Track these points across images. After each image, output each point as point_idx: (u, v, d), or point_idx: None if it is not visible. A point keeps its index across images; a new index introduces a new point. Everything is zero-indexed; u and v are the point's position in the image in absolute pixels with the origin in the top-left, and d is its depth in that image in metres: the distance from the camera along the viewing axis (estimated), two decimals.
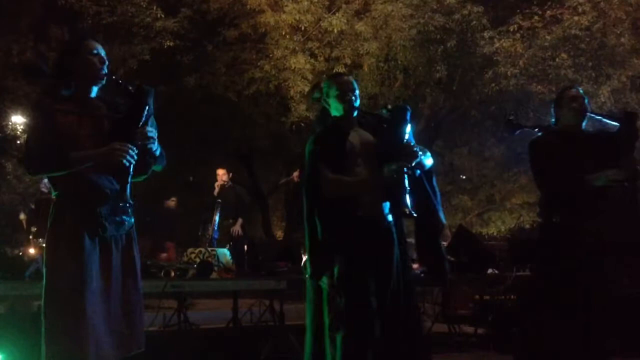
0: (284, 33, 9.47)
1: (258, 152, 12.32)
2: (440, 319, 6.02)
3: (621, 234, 3.11)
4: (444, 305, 6.45)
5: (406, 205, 2.74)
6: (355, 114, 2.92)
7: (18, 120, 13.23)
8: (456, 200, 14.26)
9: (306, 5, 9.25)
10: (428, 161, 3.07)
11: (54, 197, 2.42)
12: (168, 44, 9.37)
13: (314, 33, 9.58)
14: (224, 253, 5.47)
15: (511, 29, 9.18)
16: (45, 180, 5.15)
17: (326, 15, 9.46)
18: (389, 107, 2.97)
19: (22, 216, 5.39)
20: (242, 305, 5.81)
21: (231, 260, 5.53)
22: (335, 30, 9.34)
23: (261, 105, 10.49)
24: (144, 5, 9.35)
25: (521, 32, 9.21)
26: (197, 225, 7.22)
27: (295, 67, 9.40)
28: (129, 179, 2.42)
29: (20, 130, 13.35)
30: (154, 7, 9.38)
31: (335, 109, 2.93)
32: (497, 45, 9.05)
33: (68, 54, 2.46)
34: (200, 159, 11.53)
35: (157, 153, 2.47)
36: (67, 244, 2.31)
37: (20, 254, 4.18)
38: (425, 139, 10.76)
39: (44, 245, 4.58)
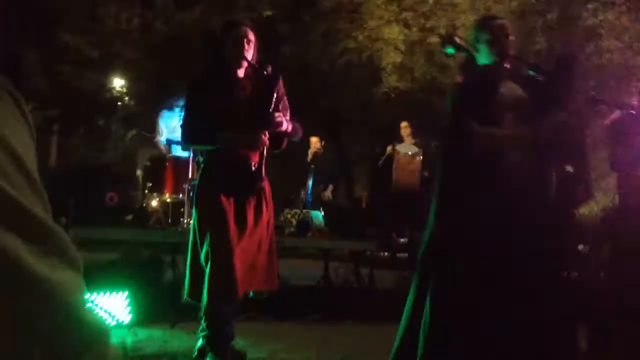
0: (379, 3, 9.53)
1: (345, 122, 12.51)
2: None
3: None
4: None
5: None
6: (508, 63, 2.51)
7: (122, 83, 14.11)
8: None
9: None
10: None
11: (201, 163, 2.94)
12: (267, 13, 9.67)
13: (409, 3, 9.58)
14: (317, 215, 5.79)
15: (617, 1, 8.76)
16: (163, 141, 5.63)
17: None
18: (534, 67, 2.53)
19: (138, 172, 5.91)
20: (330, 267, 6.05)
21: (323, 223, 5.85)
22: (431, 0, 9.29)
23: (352, 75, 10.64)
24: None
25: (628, 4, 8.77)
26: (291, 188, 7.58)
27: (388, 38, 9.46)
28: (263, 156, 2.82)
29: (124, 92, 14.25)
30: None
31: (485, 56, 2.52)
32: (600, 17, 8.68)
33: (220, 38, 2.83)
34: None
35: (289, 131, 2.83)
36: (210, 200, 2.75)
37: (144, 205, 4.66)
38: None
39: (159, 199, 5.06)
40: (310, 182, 7.19)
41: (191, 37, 9.85)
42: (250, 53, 2.77)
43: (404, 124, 6.94)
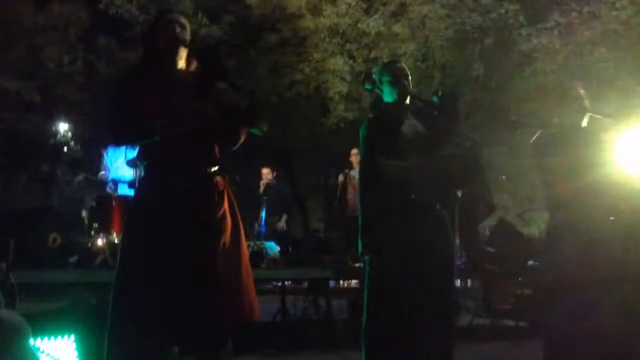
0: (323, 36, 9.72)
1: (296, 153, 12.55)
2: (483, 315, 6.15)
3: None
4: (485, 300, 6.55)
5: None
6: (408, 100, 2.87)
7: (67, 127, 13.78)
8: (495, 199, 14.18)
9: (344, 9, 9.49)
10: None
11: (144, 166, 2.49)
12: None
13: (352, 35, 9.81)
14: (272, 246, 5.72)
15: (548, 26, 9.20)
16: (110, 181, 5.49)
17: (364, 18, 9.67)
18: (440, 93, 2.83)
19: (84, 213, 5.74)
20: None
21: (278, 254, 5.78)
22: (373, 32, 9.55)
23: (301, 107, 10.74)
24: (190, 13, 9.71)
25: (559, 28, 9.23)
26: (244, 221, 7.49)
27: (334, 69, 9.63)
28: (212, 143, 2.42)
29: (69, 136, 13.90)
30: (199, 15, 9.74)
31: (388, 95, 2.88)
32: (534, 42, 9.09)
33: (150, 28, 2.54)
34: (243, 160, 11.83)
35: (242, 109, 2.43)
36: (145, 216, 2.36)
37: (90, 245, 4.51)
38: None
39: (105, 239, 4.91)
40: (263, 214, 7.15)
41: None
42: (186, 38, 2.43)
43: (354, 151, 7.02)
